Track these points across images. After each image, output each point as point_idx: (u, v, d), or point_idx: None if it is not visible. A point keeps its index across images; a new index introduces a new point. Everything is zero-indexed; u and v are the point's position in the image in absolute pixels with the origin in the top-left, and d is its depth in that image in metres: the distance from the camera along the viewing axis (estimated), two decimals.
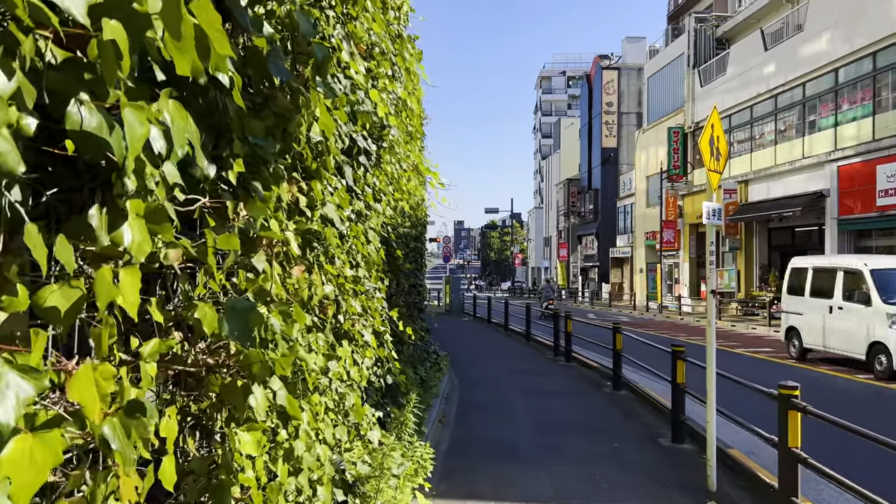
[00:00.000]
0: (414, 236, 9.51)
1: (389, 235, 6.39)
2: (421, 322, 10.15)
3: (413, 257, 9.42)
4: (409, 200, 7.96)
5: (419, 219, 10.56)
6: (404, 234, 8.03)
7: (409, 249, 8.52)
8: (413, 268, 9.43)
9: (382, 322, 4.91)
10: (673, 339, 16.75)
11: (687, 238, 31.02)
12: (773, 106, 24.85)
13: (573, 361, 11.87)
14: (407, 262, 8.59)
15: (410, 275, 9.32)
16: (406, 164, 6.39)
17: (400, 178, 6.32)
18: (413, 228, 8.88)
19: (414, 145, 6.95)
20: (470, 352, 13.67)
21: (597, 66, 47.05)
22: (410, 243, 8.66)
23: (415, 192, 8.37)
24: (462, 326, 20.96)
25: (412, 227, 8.84)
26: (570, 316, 11.77)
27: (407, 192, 7.04)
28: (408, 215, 7.76)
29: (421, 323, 10.05)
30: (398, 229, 7.40)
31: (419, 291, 9.97)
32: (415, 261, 9.81)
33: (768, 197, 24.66)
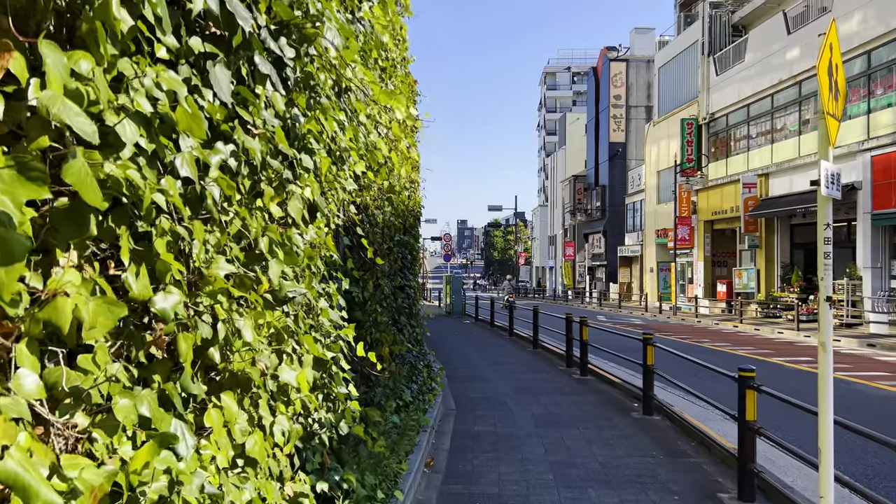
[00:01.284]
0: (401, 228, 7.93)
1: (353, 219, 4.80)
2: (411, 331, 8.54)
3: (400, 253, 7.82)
4: (390, 179, 6.36)
5: (409, 208, 8.95)
6: (385, 222, 6.44)
7: (392, 243, 6.93)
8: (399, 266, 7.83)
9: (333, 344, 3.31)
10: (697, 345, 15.12)
11: (701, 235, 29.35)
12: (797, 93, 23.18)
13: (589, 374, 10.26)
14: (392, 258, 7.00)
15: (396, 275, 7.72)
16: (383, 121, 4.78)
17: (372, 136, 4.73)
18: (398, 218, 7.28)
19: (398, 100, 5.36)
20: (470, 362, 12.07)
21: (604, 57, 45.37)
22: (395, 235, 7.06)
23: (397, 168, 6.77)
24: (463, 330, 19.36)
25: (397, 215, 7.24)
26: (585, 322, 10.16)
27: (385, 165, 5.45)
28: (389, 198, 6.15)
29: (411, 332, 8.45)
30: (373, 214, 5.81)
31: (409, 294, 8.37)
32: (404, 258, 8.21)
33: (791, 191, 22.99)
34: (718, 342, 16.12)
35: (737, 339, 16.99)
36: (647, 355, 7.40)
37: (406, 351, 7.38)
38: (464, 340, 15.87)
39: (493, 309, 20.27)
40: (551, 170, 65.66)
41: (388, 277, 7.12)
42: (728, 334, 18.78)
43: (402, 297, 7.97)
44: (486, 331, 19.03)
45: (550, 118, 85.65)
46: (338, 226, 4.59)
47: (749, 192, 24.76)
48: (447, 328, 19.88)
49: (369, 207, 5.65)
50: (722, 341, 16.39)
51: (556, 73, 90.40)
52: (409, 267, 8.53)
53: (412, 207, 10.18)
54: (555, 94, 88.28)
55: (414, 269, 10.56)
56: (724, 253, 29.89)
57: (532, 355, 13.02)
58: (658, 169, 35.17)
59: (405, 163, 7.96)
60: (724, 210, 27.42)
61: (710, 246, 29.42)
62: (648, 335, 7.43)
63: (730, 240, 29.46)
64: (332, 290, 3.52)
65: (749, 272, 25.54)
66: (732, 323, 21.84)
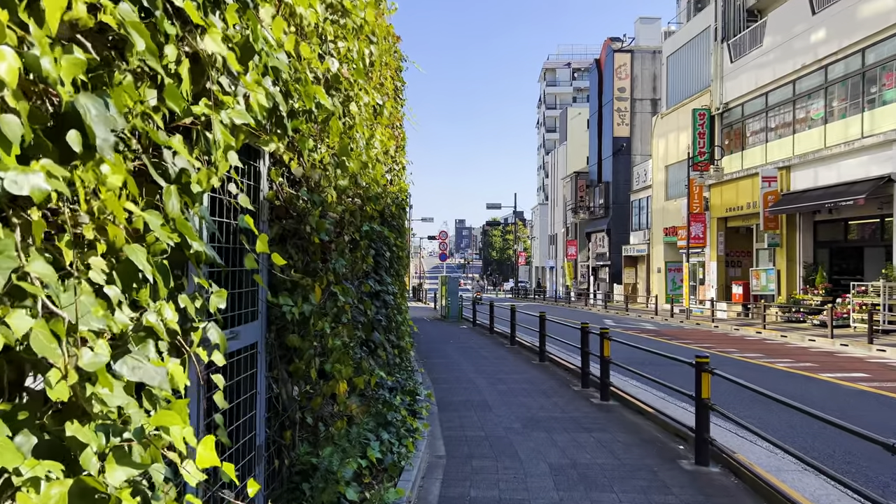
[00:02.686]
0: (376, 216, 6.05)
1: (284, 190, 2.98)
2: (390, 352, 6.66)
3: (374, 249, 5.94)
4: (350, 141, 4.49)
5: (387, 192, 7.08)
6: (345, 204, 4.57)
7: (359, 235, 5.05)
8: (372, 266, 5.95)
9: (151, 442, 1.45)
10: (724, 355, 13.25)
11: (714, 233, 27.49)
12: (823, 78, 21.32)
13: (612, 398, 8.39)
14: (357, 255, 5.13)
15: (368, 278, 5.84)
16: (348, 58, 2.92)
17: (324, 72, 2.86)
18: (370, 202, 5.40)
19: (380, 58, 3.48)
20: (466, 379, 10.20)
21: (608, 48, 43.51)
22: (363, 224, 5.18)
23: (360, 127, 4.89)
24: (459, 338, 17.49)
25: (367, 197, 5.37)
26: (607, 335, 8.27)
27: (334, 116, 3.58)
28: (343, 163, 4.27)
29: (389, 354, 6.57)
30: (320, 189, 3.93)
31: (386, 303, 6.49)
32: (379, 255, 6.33)
33: (817, 185, 21.13)
34: (747, 352, 14.25)
35: (766, 349, 15.13)
36: (701, 386, 5.52)
37: (382, 380, 5.49)
38: (460, 352, 14.00)
39: (492, 314, 18.39)
40: (552, 167, 63.80)
41: (354, 282, 5.24)
42: (753, 342, 16.92)
43: (377, 307, 6.09)
44: (486, 338, 17.16)
45: (550, 115, 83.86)
46: (230, 195, 2.73)
47: (769, 187, 22.91)
48: (441, 335, 18.02)
49: (310, 178, 3.78)
50: (750, 351, 14.52)
51: (556, 69, 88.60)
52: (387, 267, 6.65)
53: (394, 193, 8.32)
54: (554, 91, 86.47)
55: (397, 271, 8.68)
56: (738, 252, 28.04)
57: (539, 370, 11.15)
58: (666, 163, 33.32)
59: (379, 127, 6.09)
60: (739, 206, 25.57)
61: (724, 245, 27.57)
62: (703, 359, 5.56)
63: (745, 238, 27.60)
64: (162, 317, 1.65)
65: (768, 273, 23.68)
66: (754, 328, 19.98)
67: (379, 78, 6.36)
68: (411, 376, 8.62)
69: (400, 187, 9.07)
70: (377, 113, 5.65)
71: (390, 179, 8.00)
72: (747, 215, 25.37)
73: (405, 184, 9.71)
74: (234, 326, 3.05)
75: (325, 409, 4.21)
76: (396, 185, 8.65)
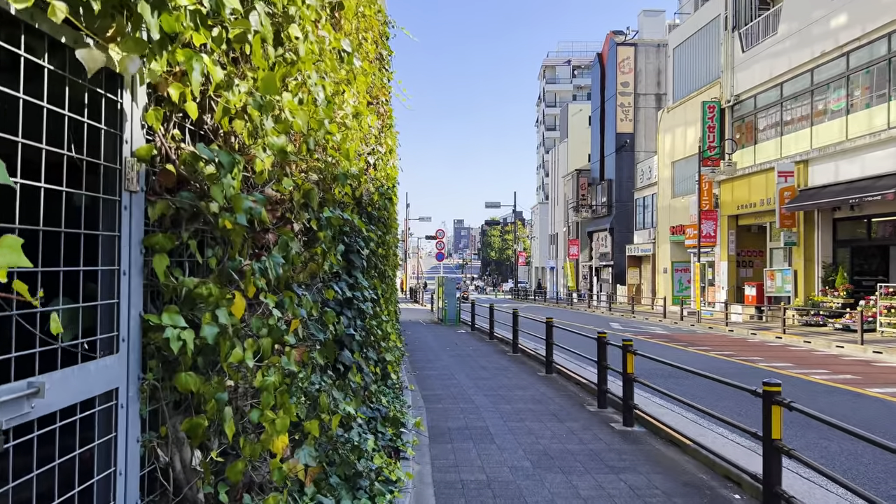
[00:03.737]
0: (349, 202, 4.73)
1: (175, 146, 1.59)
2: (366, 372, 5.33)
3: (341, 244, 4.61)
4: (304, 99, 3.16)
5: (366, 174, 5.77)
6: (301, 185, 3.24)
7: (318, 224, 3.71)
8: (342, 266, 4.63)
9: None
10: (748, 363, 11.93)
11: (725, 232, 26.19)
12: (845, 66, 20.01)
13: (637, 423, 7.06)
14: (316, 250, 3.80)
15: (335, 280, 4.52)
16: None
17: None
18: (336, 182, 4.07)
19: None
20: (464, 397, 8.88)
21: (610, 41, 42.21)
22: (325, 208, 3.85)
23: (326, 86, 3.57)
24: (456, 344, 16.17)
25: (334, 177, 4.04)
26: (631, 348, 6.95)
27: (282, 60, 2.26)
28: (304, 137, 2.95)
29: (364, 375, 5.24)
30: (245, 148, 2.60)
31: (362, 312, 5.15)
32: (350, 251, 5.01)
33: (838, 179, 19.83)
34: (773, 361, 12.93)
35: (793, 357, 13.81)
36: (771, 423, 4.20)
37: (352, 416, 4.15)
38: (457, 361, 12.69)
39: (492, 317, 17.06)
40: (552, 165, 62.51)
41: (314, 287, 3.92)
42: (776, 349, 15.60)
43: (349, 317, 4.76)
44: (485, 344, 15.84)
45: (550, 113, 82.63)
46: None
47: (785, 182, 21.61)
48: (438, 341, 16.70)
49: (225, 132, 2.45)
50: (777, 359, 13.20)
51: (556, 66, 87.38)
52: (364, 268, 5.31)
53: (378, 180, 6.99)
54: (554, 88, 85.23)
55: (382, 272, 7.34)
56: (749, 252, 26.75)
57: (547, 385, 9.82)
58: (673, 159, 32.01)
59: (353, 90, 4.76)
60: (751, 203, 24.27)
61: (735, 244, 26.27)
62: (774, 387, 4.23)
63: (757, 237, 26.32)
64: None
65: (784, 273, 22.37)
66: (773, 333, 18.67)
67: (352, 27, 5.02)
68: (399, 396, 7.30)
69: (386, 174, 7.74)
70: (342, 60, 4.31)
71: (373, 163, 6.68)
72: (760, 213, 24.08)
73: (393, 170, 8.37)
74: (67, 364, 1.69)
75: (256, 474, 2.88)
76: (382, 171, 7.32)
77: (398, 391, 7.72)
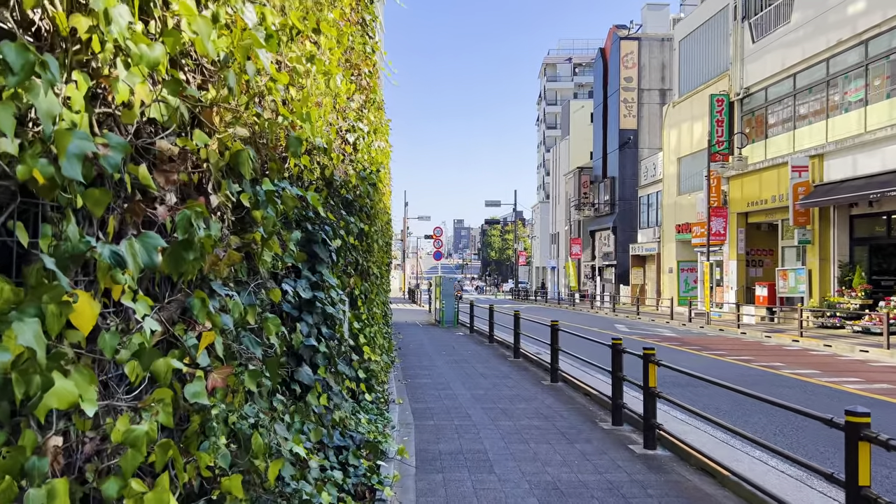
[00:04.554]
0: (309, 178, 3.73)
1: None
2: (335, 392, 4.33)
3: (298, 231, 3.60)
4: None
5: (337, 150, 4.77)
6: (221, 137, 2.25)
7: (254, 202, 2.71)
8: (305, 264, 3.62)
9: None
10: (768, 370, 10.92)
11: (734, 230, 25.19)
12: (863, 54, 19.01)
13: (661, 446, 6.06)
14: (252, 240, 2.80)
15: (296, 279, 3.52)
16: None
17: None
18: (289, 151, 3.07)
19: None
20: (459, 413, 7.88)
21: (613, 36, 41.20)
22: (268, 181, 2.84)
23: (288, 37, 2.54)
24: (453, 348, 15.17)
25: (288, 142, 3.03)
26: (653, 358, 5.95)
27: None
28: (214, 61, 1.90)
29: (332, 395, 4.24)
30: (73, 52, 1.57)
31: (331, 319, 4.13)
32: (319, 244, 4.01)
33: (856, 174, 18.82)
34: (796, 367, 11.93)
35: (817, 363, 12.81)
36: (858, 464, 3.20)
37: (304, 461, 3.13)
38: (454, 368, 11.69)
39: (492, 319, 16.05)
40: (553, 163, 61.50)
41: (253, 284, 2.91)
42: (796, 353, 14.60)
43: (310, 325, 3.75)
44: (484, 348, 14.84)
45: (551, 111, 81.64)
46: None
47: (799, 177, 20.60)
48: (433, 344, 15.70)
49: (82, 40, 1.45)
50: (799, 365, 12.20)
51: (557, 64, 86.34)
52: (332, 264, 4.30)
53: (360, 162, 5.98)
54: (555, 86, 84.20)
55: (365, 270, 6.33)
56: (758, 251, 25.75)
57: (552, 396, 8.81)
58: (679, 155, 31.00)
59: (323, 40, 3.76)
60: (762, 200, 23.27)
61: (745, 242, 25.27)
62: (860, 417, 3.23)
63: (767, 235, 25.32)
64: None
65: (797, 273, 21.36)
66: (789, 336, 17.67)
67: None
68: (383, 413, 6.30)
69: (371, 156, 6.73)
70: None
71: (353, 142, 5.68)
72: (771, 210, 23.08)
73: (380, 154, 7.37)
74: None
75: None
76: (365, 153, 6.32)
77: (383, 406, 6.72)
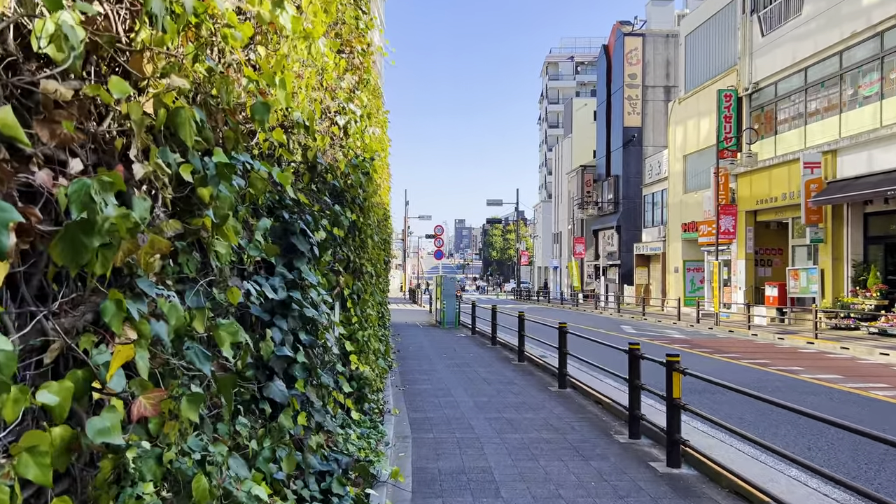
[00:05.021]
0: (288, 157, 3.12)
1: None
2: (317, 409, 3.71)
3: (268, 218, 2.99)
4: None
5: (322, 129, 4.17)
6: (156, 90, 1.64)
7: (202, 179, 2.10)
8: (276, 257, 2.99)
9: None
10: (794, 377, 10.30)
11: (742, 228, 24.54)
12: (878, 47, 18.37)
13: (686, 464, 5.43)
14: (201, 225, 2.18)
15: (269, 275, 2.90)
16: None
17: None
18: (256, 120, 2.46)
19: None
20: (461, 425, 7.28)
21: (617, 32, 40.56)
22: (219, 152, 2.23)
23: None
24: (455, 350, 14.56)
25: (230, 104, 2.42)
26: (677, 365, 5.34)
27: None
28: None
29: (313, 412, 3.63)
30: None
31: (311, 323, 3.51)
32: (297, 236, 3.40)
33: (871, 170, 18.18)
34: (817, 372, 11.30)
35: (837, 367, 12.18)
36: None
37: None
38: (455, 372, 11.07)
39: (494, 320, 15.43)
40: (555, 162, 60.86)
41: (202, 283, 2.30)
42: (813, 356, 13.97)
43: (285, 330, 3.14)
44: (487, 350, 14.23)
45: (553, 110, 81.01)
46: None
47: (811, 174, 19.96)
48: (434, 347, 15.08)
49: None
50: (819, 370, 11.57)
51: (559, 62, 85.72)
52: (314, 259, 3.68)
53: (349, 146, 5.38)
54: (557, 85, 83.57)
55: (359, 267, 5.73)
56: (767, 250, 25.12)
57: (562, 404, 8.19)
58: (685, 153, 30.36)
59: None
60: (772, 197, 22.62)
61: (754, 242, 24.63)
62: None
63: (776, 234, 24.68)
64: None
65: (809, 272, 20.72)
66: (802, 337, 17.03)
67: None
68: (377, 426, 5.69)
69: (364, 143, 6.12)
70: None
71: (343, 125, 5.07)
72: (781, 207, 22.44)
73: (375, 141, 6.75)
74: None
75: None
76: (357, 138, 5.71)
77: (377, 417, 6.11)
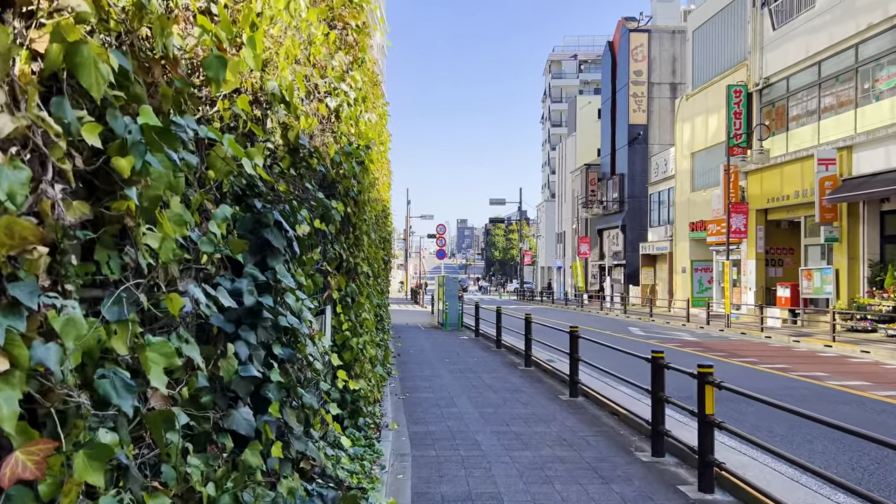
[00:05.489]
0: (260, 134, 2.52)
1: None
2: (298, 436, 3.12)
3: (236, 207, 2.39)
4: None
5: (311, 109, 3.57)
6: None
7: (118, 147, 1.52)
8: (221, 249, 2.40)
9: None
10: (820, 384, 9.69)
11: (753, 227, 23.91)
12: (895, 40, 17.75)
13: (721, 489, 4.84)
14: (134, 207, 1.58)
15: (238, 275, 2.29)
16: None
17: None
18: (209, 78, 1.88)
19: None
20: (466, 440, 6.69)
21: (622, 28, 39.94)
22: (148, 112, 1.65)
23: None
24: (458, 354, 13.96)
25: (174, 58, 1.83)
26: (709, 377, 4.76)
27: None
28: None
29: (291, 439, 3.03)
30: None
31: (291, 334, 2.93)
32: (270, 229, 2.80)
33: (889, 167, 17.55)
34: (842, 378, 10.68)
35: (862, 373, 11.56)
36: None
37: None
38: (458, 378, 10.47)
39: (499, 323, 14.84)
40: (559, 161, 60.23)
41: (126, 289, 1.71)
42: (834, 361, 13.35)
43: (254, 344, 2.56)
44: (492, 354, 13.63)
45: (556, 109, 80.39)
46: None
47: (826, 171, 19.33)
48: (436, 350, 14.49)
49: None
50: (843, 376, 10.95)
51: (562, 61, 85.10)
52: (292, 258, 3.09)
53: (340, 132, 4.79)
54: (560, 83, 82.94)
55: (352, 268, 5.14)
56: (778, 250, 24.48)
57: (575, 415, 7.59)
58: (693, 150, 29.73)
59: None
60: (784, 195, 21.99)
61: (765, 241, 24.00)
62: None
63: (787, 233, 24.04)
64: None
65: (824, 273, 20.08)
66: (818, 340, 16.41)
67: None
68: (372, 444, 5.10)
69: (359, 130, 5.53)
70: None
71: (334, 108, 4.49)
72: (793, 206, 21.81)
73: (371, 128, 6.16)
74: None
75: None
76: (350, 123, 5.12)
77: (373, 433, 5.52)
